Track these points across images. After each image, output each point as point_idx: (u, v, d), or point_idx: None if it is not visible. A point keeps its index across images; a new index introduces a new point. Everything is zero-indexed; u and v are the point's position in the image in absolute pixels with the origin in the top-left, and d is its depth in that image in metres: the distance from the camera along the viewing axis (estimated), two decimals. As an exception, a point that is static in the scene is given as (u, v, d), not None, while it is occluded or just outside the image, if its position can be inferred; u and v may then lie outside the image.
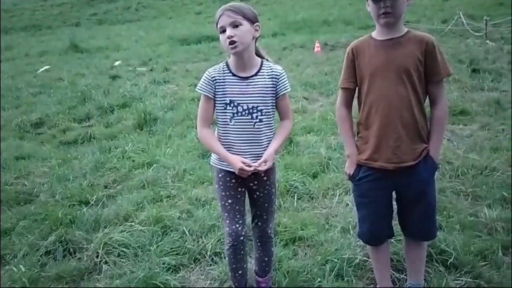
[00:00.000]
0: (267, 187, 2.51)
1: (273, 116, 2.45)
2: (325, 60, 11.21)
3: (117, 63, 13.75)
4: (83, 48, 18.63)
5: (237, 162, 2.30)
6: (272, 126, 2.44)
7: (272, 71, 2.41)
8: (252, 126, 2.36)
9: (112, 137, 6.13)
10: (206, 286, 2.88)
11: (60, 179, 4.66)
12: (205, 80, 2.37)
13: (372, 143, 2.32)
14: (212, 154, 2.52)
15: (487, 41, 12.47)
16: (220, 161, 2.44)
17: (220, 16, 2.27)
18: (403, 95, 2.22)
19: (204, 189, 4.17)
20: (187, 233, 3.34)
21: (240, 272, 2.54)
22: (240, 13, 2.26)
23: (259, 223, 2.59)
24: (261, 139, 2.38)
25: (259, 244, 2.65)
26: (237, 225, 2.42)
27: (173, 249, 3.18)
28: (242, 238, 2.43)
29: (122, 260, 3.10)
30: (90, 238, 3.38)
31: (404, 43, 2.24)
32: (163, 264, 3.00)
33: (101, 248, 3.17)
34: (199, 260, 3.12)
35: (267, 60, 2.45)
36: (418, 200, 2.35)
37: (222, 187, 2.46)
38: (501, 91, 7.12)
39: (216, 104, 2.39)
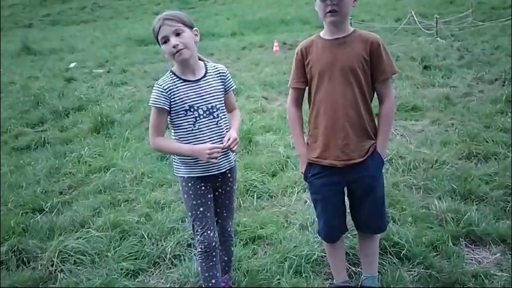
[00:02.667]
0: (229, 183, 2.54)
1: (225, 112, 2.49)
2: (284, 60, 11.32)
3: (72, 65, 13.40)
4: (36, 50, 18.04)
5: (204, 146, 2.30)
6: (228, 121, 2.48)
7: (218, 70, 2.46)
8: (215, 125, 2.38)
9: (67, 142, 5.97)
10: (165, 290, 2.86)
11: (12, 187, 4.51)
12: (158, 93, 2.32)
13: (320, 142, 2.37)
14: (176, 165, 2.47)
15: (438, 38, 12.94)
16: (189, 169, 2.40)
17: (160, 27, 2.26)
18: (349, 94, 2.29)
19: (163, 192, 4.14)
20: (146, 237, 3.30)
21: (213, 281, 2.47)
22: (179, 21, 2.28)
23: (219, 221, 2.60)
24: (224, 136, 2.38)
25: (219, 243, 2.64)
26: (209, 232, 2.42)
27: (131, 254, 3.14)
28: (214, 244, 2.44)
29: (78, 267, 3.04)
30: (45, 246, 3.28)
31: (350, 43, 2.29)
32: (121, 269, 2.96)
33: (56, 257, 3.10)
34: (159, 263, 3.10)
35: (207, 61, 2.48)
36: (367, 195, 2.43)
37: (192, 196, 2.42)
38: (451, 87, 7.41)
39: (173, 113, 2.35)
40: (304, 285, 2.72)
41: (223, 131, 2.39)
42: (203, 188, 2.43)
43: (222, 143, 2.34)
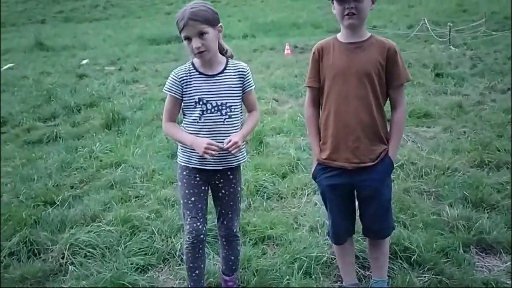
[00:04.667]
0: (232, 185, 2.53)
1: (241, 112, 2.49)
2: (295, 62, 11.33)
3: (84, 61, 13.50)
4: (49, 46, 18.20)
5: (204, 140, 2.31)
6: (240, 121, 2.47)
7: (238, 68, 2.46)
8: (222, 122, 2.39)
9: (79, 137, 6.01)
10: (174, 286, 2.87)
11: (24, 179, 4.55)
12: (172, 80, 2.40)
13: (330, 144, 2.38)
14: (179, 152, 2.52)
15: (451, 46, 12.88)
16: (187, 158, 2.45)
17: (184, 26, 2.26)
18: (363, 98, 2.30)
19: (173, 189, 4.15)
20: (156, 233, 3.32)
21: (197, 272, 2.52)
22: (204, 21, 2.26)
23: (225, 222, 2.60)
24: (229, 135, 2.38)
25: (225, 243, 2.66)
26: (198, 223, 2.42)
27: (141, 249, 3.15)
28: (202, 236, 2.43)
29: (88, 261, 3.06)
30: (56, 239, 3.31)
31: (367, 48, 2.31)
32: (131, 264, 2.98)
33: (67, 249, 3.12)
34: (168, 260, 3.11)
35: (230, 56, 2.50)
36: (373, 198, 2.43)
37: (186, 184, 2.46)
38: (463, 95, 7.37)
39: (184, 104, 2.41)
40: (314, 287, 2.72)
41: (229, 131, 2.39)
42: (197, 179, 2.45)
43: (223, 143, 2.34)
